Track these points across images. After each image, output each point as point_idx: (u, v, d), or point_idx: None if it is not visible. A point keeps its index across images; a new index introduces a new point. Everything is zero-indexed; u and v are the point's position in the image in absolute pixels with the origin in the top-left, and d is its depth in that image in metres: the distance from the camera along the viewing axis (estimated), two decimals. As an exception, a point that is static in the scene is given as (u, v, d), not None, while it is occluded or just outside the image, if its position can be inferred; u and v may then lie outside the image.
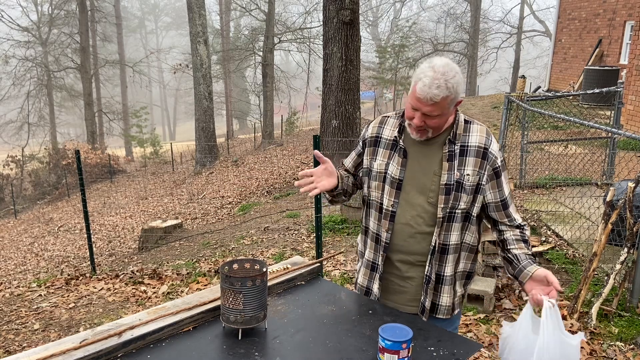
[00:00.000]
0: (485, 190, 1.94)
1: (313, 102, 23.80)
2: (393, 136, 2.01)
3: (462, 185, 1.90)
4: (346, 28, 7.98)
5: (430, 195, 1.93)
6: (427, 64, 1.83)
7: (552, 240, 5.09)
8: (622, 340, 3.43)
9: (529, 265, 1.91)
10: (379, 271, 2.07)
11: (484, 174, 1.92)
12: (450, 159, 1.92)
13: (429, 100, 1.78)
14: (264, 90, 21.19)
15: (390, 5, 32.98)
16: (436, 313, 2.05)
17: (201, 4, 15.57)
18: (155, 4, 54.65)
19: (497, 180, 1.94)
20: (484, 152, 1.92)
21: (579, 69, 14.81)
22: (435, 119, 1.84)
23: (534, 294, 1.81)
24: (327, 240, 6.07)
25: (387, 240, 2.00)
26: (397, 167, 1.97)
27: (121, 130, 28.54)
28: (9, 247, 12.91)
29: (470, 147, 1.92)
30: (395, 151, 1.99)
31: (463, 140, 1.93)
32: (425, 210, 1.94)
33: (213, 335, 1.81)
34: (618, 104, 6.64)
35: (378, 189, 2.02)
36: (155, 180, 17.72)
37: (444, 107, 1.81)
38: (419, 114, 1.84)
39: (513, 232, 1.99)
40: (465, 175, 1.90)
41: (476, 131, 1.95)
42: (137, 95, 37.67)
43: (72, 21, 25.15)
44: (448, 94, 1.77)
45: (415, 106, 1.83)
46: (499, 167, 1.93)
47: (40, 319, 4.77)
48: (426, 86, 1.77)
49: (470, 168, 1.91)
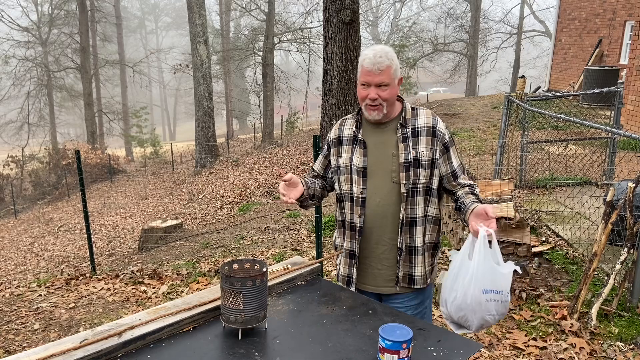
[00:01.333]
0: (440, 164, 2.18)
1: (313, 102, 23.76)
2: (352, 132, 2.25)
3: (419, 161, 2.14)
4: (346, 28, 7.98)
5: (393, 175, 2.15)
6: (367, 49, 2.14)
7: (552, 240, 5.09)
8: (622, 340, 3.43)
9: (471, 204, 2.10)
10: (355, 257, 2.24)
11: (437, 150, 2.16)
12: (405, 140, 2.16)
13: (377, 70, 2.06)
14: (264, 90, 21.19)
15: (390, 5, 32.96)
16: (413, 284, 2.23)
17: (201, 4, 15.56)
18: (155, 4, 54.66)
19: (447, 154, 2.19)
20: (432, 130, 2.17)
21: (579, 69, 14.80)
22: (387, 90, 2.09)
23: (472, 225, 2.00)
24: (327, 240, 6.07)
25: (360, 225, 2.20)
26: (360, 157, 2.19)
27: (121, 131, 28.54)
28: (9, 247, 12.91)
29: (420, 128, 2.17)
30: (356, 144, 2.22)
31: (413, 123, 2.18)
32: (390, 190, 2.16)
33: (213, 335, 1.81)
34: (618, 104, 6.64)
35: (347, 181, 2.23)
36: (155, 180, 17.72)
37: (390, 75, 2.08)
38: (371, 89, 2.09)
39: (463, 190, 2.21)
40: (420, 152, 2.14)
41: (423, 115, 2.21)
42: (137, 95, 37.67)
43: (72, 21, 25.15)
44: (390, 63, 2.07)
45: (366, 81, 2.10)
46: (447, 142, 2.19)
47: (40, 319, 4.77)
48: (372, 59, 2.06)
49: (424, 145, 2.15)
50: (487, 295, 1.91)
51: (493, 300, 1.92)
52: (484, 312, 1.94)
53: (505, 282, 1.91)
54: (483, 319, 1.95)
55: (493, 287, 1.91)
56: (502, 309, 1.93)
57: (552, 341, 3.47)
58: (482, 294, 1.91)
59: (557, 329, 3.59)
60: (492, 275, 1.91)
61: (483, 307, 1.92)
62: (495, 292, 1.91)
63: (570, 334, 3.51)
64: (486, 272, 1.91)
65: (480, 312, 1.94)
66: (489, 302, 1.92)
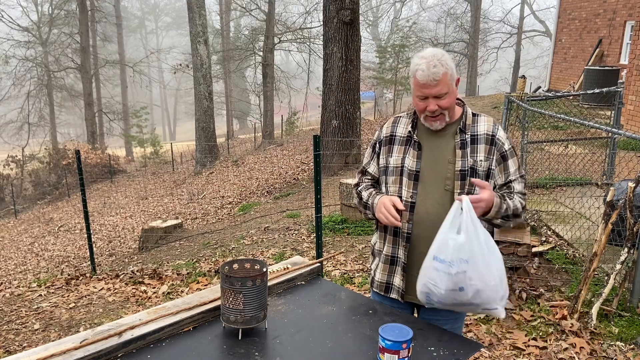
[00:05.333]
0: (495, 175, 2.05)
1: (313, 102, 23.77)
2: (407, 132, 2.11)
3: (476, 171, 2.01)
4: (346, 28, 7.98)
5: (447, 182, 2.02)
6: (416, 57, 1.99)
7: (553, 240, 5.09)
8: (623, 340, 3.43)
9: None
10: (400, 264, 2.10)
11: (493, 159, 2.03)
12: (463, 146, 2.02)
13: (433, 80, 1.91)
14: (264, 90, 21.20)
15: (390, 5, 32.97)
16: None
17: (201, 4, 15.56)
18: (156, 4, 54.63)
19: (504, 163, 2.05)
20: (491, 138, 2.04)
21: (579, 69, 14.80)
22: (445, 98, 1.96)
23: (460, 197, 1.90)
24: (327, 240, 6.07)
25: (409, 231, 2.06)
26: (413, 160, 2.06)
27: (121, 130, 28.53)
28: (9, 247, 12.91)
29: (479, 135, 2.04)
30: (410, 145, 2.09)
31: (472, 130, 2.05)
32: (442, 198, 2.02)
33: (213, 335, 1.81)
34: (618, 104, 6.64)
35: (396, 182, 2.09)
36: (155, 180, 17.72)
37: (447, 83, 1.94)
38: (430, 100, 1.96)
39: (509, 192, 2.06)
40: (478, 161, 2.02)
41: (484, 121, 2.08)
42: (137, 95, 37.67)
43: (72, 21, 25.15)
44: (446, 70, 1.93)
45: (423, 94, 1.96)
46: (505, 152, 2.05)
47: (40, 319, 4.77)
48: (425, 71, 1.91)
49: (482, 154, 2.03)
50: (435, 262, 1.84)
51: (439, 270, 1.83)
52: (428, 278, 1.87)
53: (454, 253, 1.79)
54: (426, 286, 1.88)
55: (442, 255, 1.82)
56: (448, 283, 1.81)
57: (552, 341, 3.47)
58: (432, 260, 1.85)
59: (557, 329, 3.59)
60: (443, 243, 1.84)
61: (428, 273, 1.86)
62: (441, 261, 1.82)
63: (571, 334, 3.50)
64: (441, 239, 1.85)
65: (424, 277, 1.88)
66: (437, 271, 1.83)
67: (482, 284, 1.78)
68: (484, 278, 1.79)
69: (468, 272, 1.78)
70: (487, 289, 1.79)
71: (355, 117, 8.41)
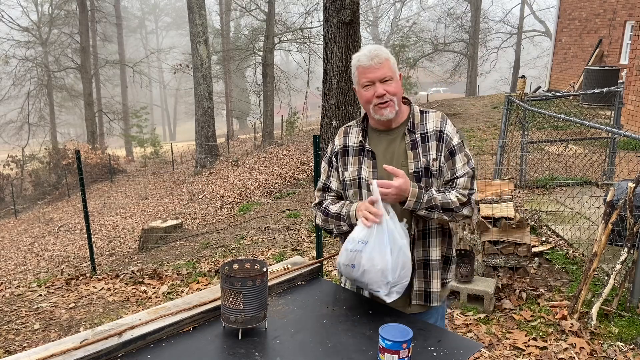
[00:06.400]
0: (443, 172, 2.00)
1: (313, 102, 23.76)
2: (358, 142, 2.08)
3: (430, 171, 1.98)
4: (346, 28, 7.97)
5: None
6: (358, 52, 2.04)
7: (553, 240, 5.09)
8: (623, 341, 3.43)
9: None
10: None
11: (442, 155, 1.99)
12: (414, 147, 1.99)
13: (377, 63, 1.94)
14: (264, 90, 21.19)
15: (391, 5, 32.94)
16: (430, 301, 2.07)
17: (201, 4, 15.56)
18: (156, 4, 54.64)
19: (452, 159, 1.99)
20: (439, 134, 2.00)
21: (579, 69, 14.80)
22: (392, 84, 1.96)
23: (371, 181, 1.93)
24: (327, 240, 6.07)
25: None
26: (368, 170, 2.03)
27: (121, 130, 28.53)
28: (9, 247, 12.91)
29: (429, 133, 2.01)
30: (364, 155, 2.05)
31: (422, 128, 2.01)
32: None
33: (213, 335, 1.81)
34: (618, 104, 6.64)
35: (355, 195, 2.08)
36: (155, 180, 17.72)
37: (390, 68, 1.96)
38: (377, 85, 1.95)
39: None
40: (431, 160, 1.98)
41: (432, 118, 2.03)
42: (137, 95, 37.67)
43: (72, 21, 25.15)
44: (387, 56, 1.97)
45: (368, 80, 1.97)
46: (453, 147, 1.99)
47: (40, 319, 4.77)
48: (368, 54, 1.95)
49: (434, 152, 1.99)
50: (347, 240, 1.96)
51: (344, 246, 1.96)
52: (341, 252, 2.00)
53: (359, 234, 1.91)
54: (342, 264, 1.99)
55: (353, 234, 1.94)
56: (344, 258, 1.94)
57: (552, 341, 3.47)
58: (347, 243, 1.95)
59: (557, 329, 3.59)
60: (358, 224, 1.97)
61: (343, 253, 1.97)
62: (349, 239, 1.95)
63: (571, 334, 3.51)
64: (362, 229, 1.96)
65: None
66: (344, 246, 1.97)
67: (370, 266, 1.88)
68: (374, 262, 1.87)
69: (362, 252, 1.88)
70: (372, 271, 1.88)
71: (355, 117, 8.41)
